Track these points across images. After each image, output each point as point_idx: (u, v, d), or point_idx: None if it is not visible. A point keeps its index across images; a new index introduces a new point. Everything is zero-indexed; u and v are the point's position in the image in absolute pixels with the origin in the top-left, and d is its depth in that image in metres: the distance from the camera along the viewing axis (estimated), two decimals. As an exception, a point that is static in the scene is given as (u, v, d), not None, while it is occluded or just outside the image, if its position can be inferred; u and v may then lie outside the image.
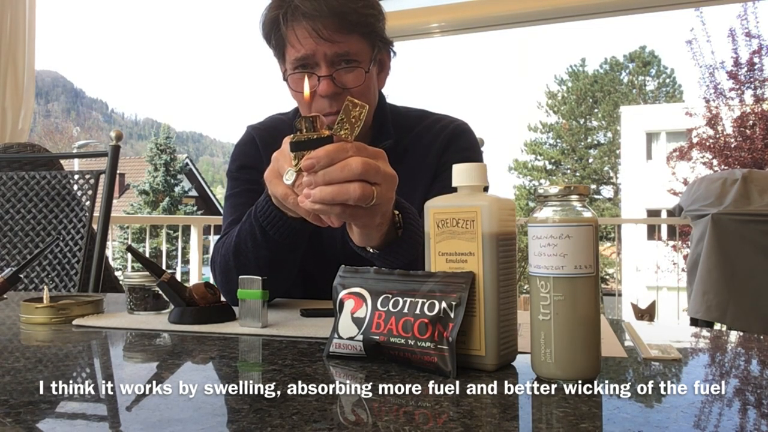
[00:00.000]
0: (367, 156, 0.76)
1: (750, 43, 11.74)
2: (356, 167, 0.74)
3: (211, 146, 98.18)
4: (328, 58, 1.07)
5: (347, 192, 0.74)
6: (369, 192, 0.75)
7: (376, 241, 0.89)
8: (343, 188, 0.74)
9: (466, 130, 1.26)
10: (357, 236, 0.88)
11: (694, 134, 12.24)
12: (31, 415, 0.51)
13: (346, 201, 0.75)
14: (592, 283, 0.57)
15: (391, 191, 0.81)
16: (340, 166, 0.74)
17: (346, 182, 0.74)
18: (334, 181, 0.74)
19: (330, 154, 0.74)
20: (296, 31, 1.07)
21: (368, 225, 0.83)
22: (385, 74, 1.23)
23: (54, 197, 1.74)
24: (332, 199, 0.74)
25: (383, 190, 0.78)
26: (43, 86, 79.96)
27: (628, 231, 11.81)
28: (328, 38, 1.06)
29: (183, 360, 0.73)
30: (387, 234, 0.89)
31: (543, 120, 27.01)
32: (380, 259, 0.92)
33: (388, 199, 0.80)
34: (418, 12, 4.36)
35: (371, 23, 1.11)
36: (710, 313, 3.05)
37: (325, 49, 1.07)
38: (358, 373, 0.62)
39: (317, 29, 1.05)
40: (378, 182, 0.77)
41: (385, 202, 0.80)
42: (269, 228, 0.96)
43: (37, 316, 0.93)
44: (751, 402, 0.55)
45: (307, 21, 1.05)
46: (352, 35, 1.08)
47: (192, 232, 4.99)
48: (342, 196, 0.74)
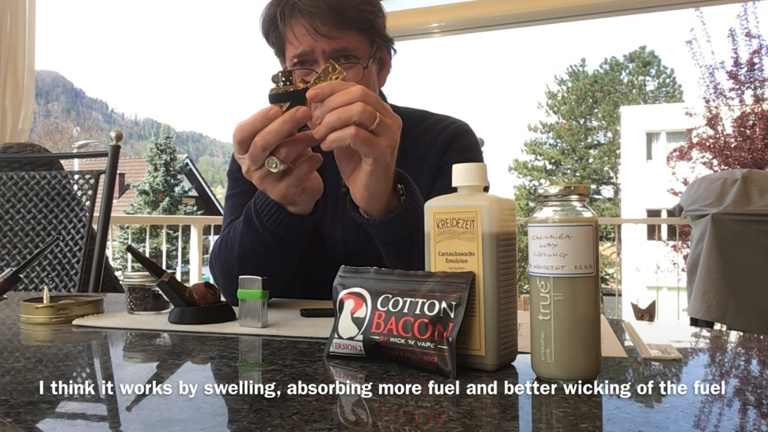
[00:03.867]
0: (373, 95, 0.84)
1: (750, 43, 11.74)
2: (356, 91, 0.81)
3: (211, 146, 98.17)
4: (326, 55, 1.08)
5: (350, 110, 0.81)
6: (371, 111, 0.82)
7: (380, 204, 0.92)
8: (346, 108, 0.81)
9: (467, 131, 1.26)
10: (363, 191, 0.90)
11: (694, 134, 12.24)
12: (31, 415, 0.51)
13: (350, 119, 0.81)
14: (592, 283, 0.57)
15: (395, 127, 0.87)
16: (342, 92, 0.81)
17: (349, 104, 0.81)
18: (338, 105, 0.81)
19: (333, 85, 0.82)
20: (294, 29, 1.08)
21: (378, 162, 0.87)
22: (386, 72, 1.23)
23: (54, 197, 1.74)
24: (338, 120, 0.81)
25: (386, 119, 0.84)
26: (43, 86, 79.95)
27: (628, 231, 11.83)
28: (326, 34, 1.06)
29: (183, 360, 0.73)
30: (389, 201, 0.93)
31: (543, 120, 27.01)
32: (382, 228, 0.94)
33: (392, 132, 0.86)
34: (418, 12, 4.36)
35: (369, 19, 1.11)
36: (710, 313, 3.05)
37: (323, 45, 1.07)
38: (358, 373, 0.62)
39: (315, 26, 1.05)
40: (381, 112, 0.83)
41: (390, 134, 0.86)
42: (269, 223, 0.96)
43: (37, 316, 0.93)
44: (751, 402, 0.55)
45: (304, 18, 1.06)
46: (350, 31, 1.08)
47: (192, 232, 4.99)
48: (346, 113, 0.81)
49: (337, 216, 1.17)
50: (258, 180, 0.89)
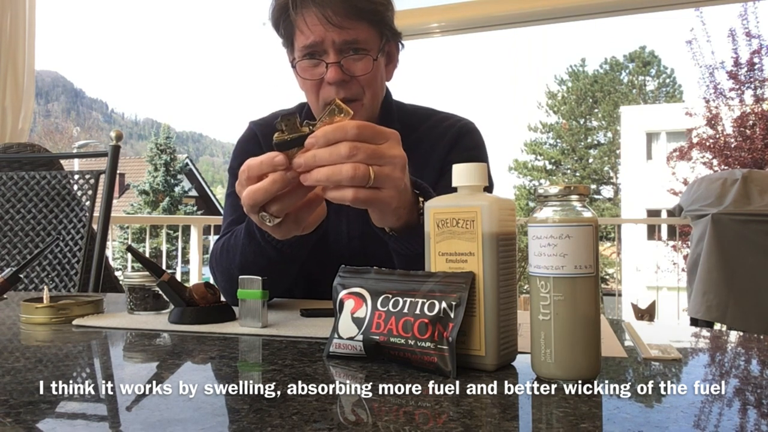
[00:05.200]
0: (372, 134, 0.77)
1: (750, 43, 11.74)
2: (344, 150, 0.75)
3: (211, 146, 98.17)
4: (336, 46, 1.08)
5: (339, 172, 0.75)
6: (363, 171, 0.75)
7: (393, 223, 0.90)
8: (336, 169, 0.75)
9: (472, 129, 1.25)
10: (373, 216, 0.88)
11: (694, 134, 12.24)
12: (31, 415, 0.51)
13: (340, 181, 0.75)
14: (592, 283, 0.57)
15: (398, 171, 0.80)
16: (329, 149, 0.75)
17: (339, 164, 0.75)
18: (324, 163, 0.75)
19: (327, 134, 0.75)
20: (305, 18, 1.08)
21: (384, 210, 0.84)
22: (393, 66, 1.22)
23: (54, 197, 1.74)
24: (327, 179, 0.75)
25: (385, 170, 0.78)
26: (43, 86, 79.96)
27: (628, 231, 11.82)
28: (338, 24, 1.06)
29: (183, 360, 0.73)
30: (408, 217, 0.89)
31: (543, 120, 27.02)
32: (399, 241, 0.92)
33: (393, 180, 0.80)
34: (418, 12, 4.36)
35: (380, 11, 1.11)
36: (710, 313, 3.05)
37: (334, 36, 1.07)
38: (358, 373, 0.62)
39: (327, 15, 1.05)
40: (377, 163, 0.77)
41: (392, 183, 0.80)
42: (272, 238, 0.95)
43: (37, 316, 0.93)
44: (751, 402, 0.55)
45: (316, 7, 1.06)
46: (360, 22, 1.08)
47: (192, 232, 4.99)
48: (335, 176, 0.75)
49: (341, 211, 1.15)
50: (258, 222, 0.85)
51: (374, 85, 1.13)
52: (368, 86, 1.12)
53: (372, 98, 1.14)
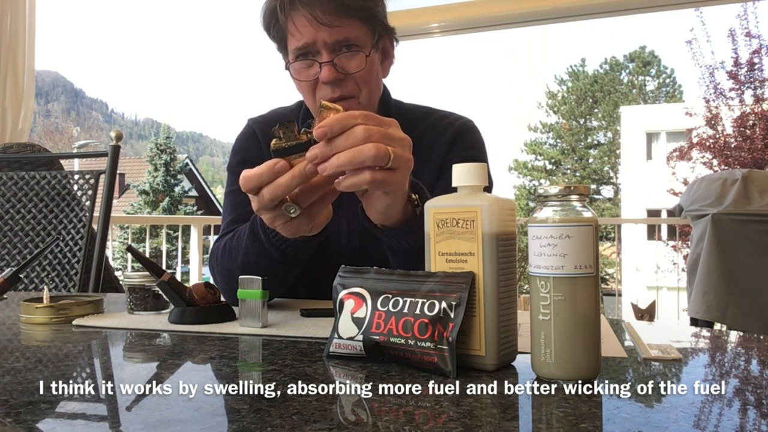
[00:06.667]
0: (375, 123, 0.78)
1: (750, 43, 11.75)
2: (359, 133, 0.75)
3: (211, 146, 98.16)
4: (328, 45, 1.08)
5: (362, 153, 0.75)
6: (384, 150, 0.76)
7: (395, 218, 0.90)
8: (357, 150, 0.75)
9: (471, 128, 1.25)
10: (377, 213, 0.88)
11: (694, 134, 12.24)
12: (31, 415, 0.51)
13: (363, 162, 0.75)
14: (592, 283, 0.57)
15: (407, 152, 0.82)
16: (344, 135, 0.76)
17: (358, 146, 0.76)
18: (342, 149, 0.75)
19: (340, 120, 0.76)
20: (295, 20, 1.08)
21: (397, 192, 0.84)
22: (389, 62, 1.22)
23: (54, 197, 1.74)
24: (350, 162, 0.75)
25: (398, 151, 0.79)
26: (43, 86, 79.95)
27: (628, 231, 11.82)
28: (327, 23, 1.06)
29: (183, 360, 0.73)
30: (404, 212, 0.90)
31: (543, 120, 27.02)
32: (394, 237, 0.93)
33: (406, 160, 0.81)
34: (418, 12, 4.36)
35: (369, 7, 1.11)
36: (710, 313, 3.05)
37: (325, 36, 1.07)
38: (358, 373, 0.62)
39: (315, 15, 1.05)
40: (390, 144, 0.78)
41: (405, 164, 0.81)
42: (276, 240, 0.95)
43: (37, 316, 0.93)
44: (751, 402, 0.55)
45: (304, 8, 1.06)
46: (350, 20, 1.08)
47: (192, 232, 4.99)
48: (358, 157, 0.75)
49: (341, 209, 1.15)
50: (269, 220, 0.86)
51: (370, 82, 1.13)
52: (364, 83, 1.12)
53: (368, 95, 1.13)
